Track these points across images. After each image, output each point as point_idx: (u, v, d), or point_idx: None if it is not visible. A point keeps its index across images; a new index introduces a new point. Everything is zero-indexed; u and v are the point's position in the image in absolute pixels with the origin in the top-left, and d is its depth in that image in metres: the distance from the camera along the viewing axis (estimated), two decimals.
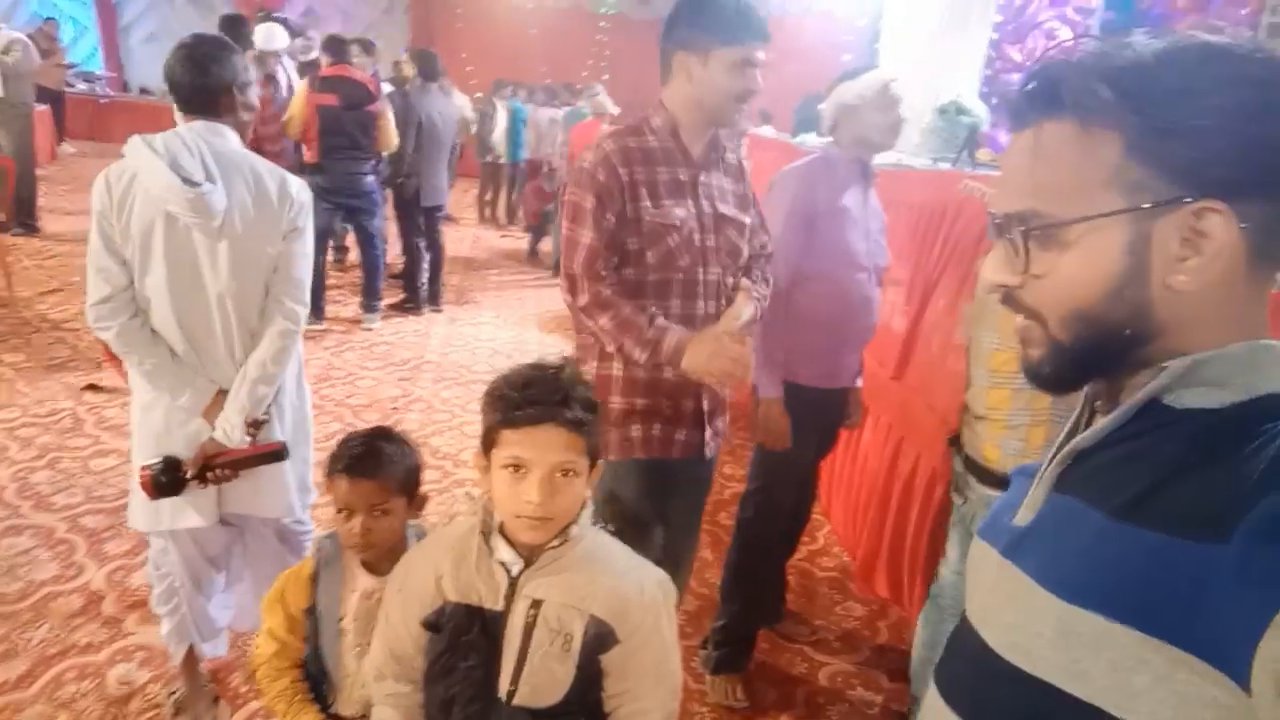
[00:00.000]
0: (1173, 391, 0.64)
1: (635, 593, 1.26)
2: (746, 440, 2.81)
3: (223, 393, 1.97)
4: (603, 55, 14.68)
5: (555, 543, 1.22)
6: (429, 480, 3.65)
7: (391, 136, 5.37)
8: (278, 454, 1.99)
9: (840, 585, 3.09)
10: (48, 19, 11.02)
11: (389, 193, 5.86)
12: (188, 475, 1.92)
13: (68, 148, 10.78)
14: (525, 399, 1.18)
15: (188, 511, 1.99)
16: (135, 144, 1.86)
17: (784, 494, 2.44)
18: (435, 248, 6.12)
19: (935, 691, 0.78)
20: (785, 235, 2.24)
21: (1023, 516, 0.72)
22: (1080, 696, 0.61)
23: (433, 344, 5.47)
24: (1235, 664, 0.53)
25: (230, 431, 1.94)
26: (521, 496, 1.16)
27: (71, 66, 12.10)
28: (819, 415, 2.39)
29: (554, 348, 5.69)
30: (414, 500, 1.58)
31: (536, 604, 1.22)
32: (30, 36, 10.55)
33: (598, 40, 14.69)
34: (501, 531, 1.25)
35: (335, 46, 5.46)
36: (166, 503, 1.96)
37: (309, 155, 5.22)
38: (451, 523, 1.34)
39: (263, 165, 2.00)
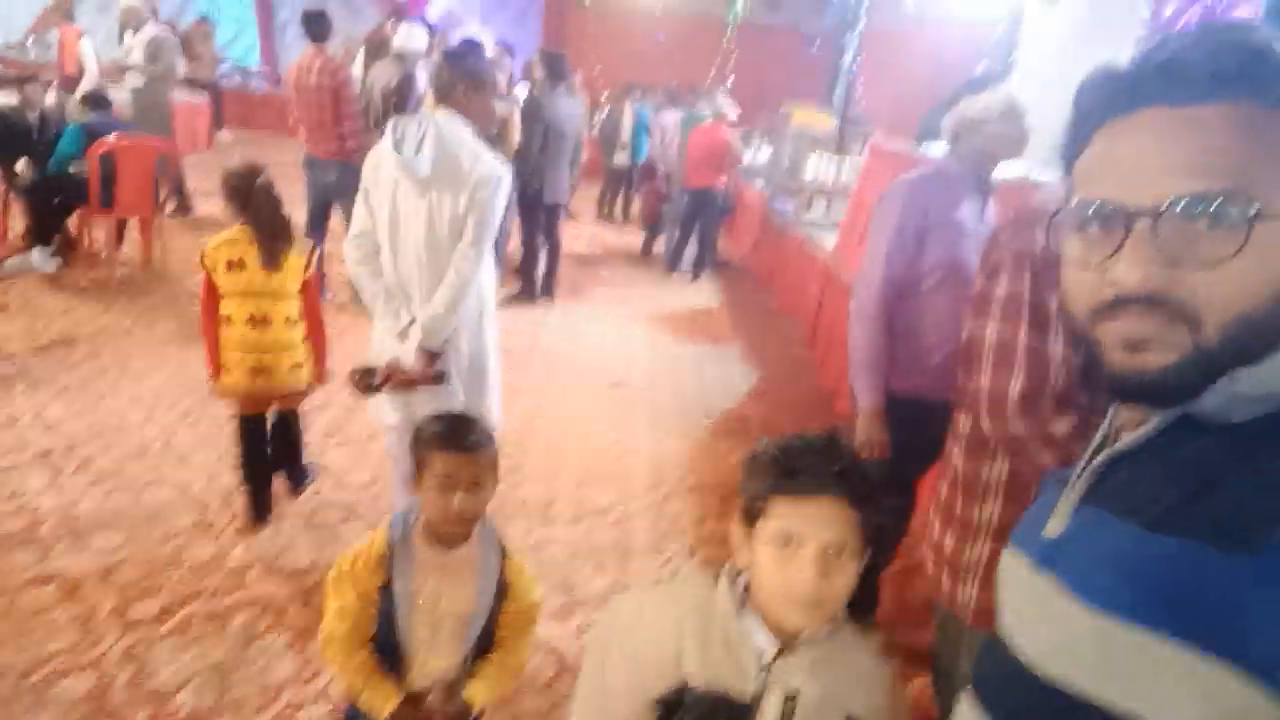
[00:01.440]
0: (1204, 403, 0.64)
1: (888, 689, 1.16)
2: None
3: (411, 322, 2.53)
4: (727, 60, 14.69)
5: (818, 629, 1.10)
6: (533, 463, 3.78)
7: (512, 136, 5.57)
8: (438, 379, 2.55)
9: None
10: (202, 18, 11.90)
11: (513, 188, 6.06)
12: (378, 383, 2.52)
13: (224, 136, 11.59)
14: (801, 467, 1.08)
15: (386, 409, 2.65)
16: (388, 125, 2.45)
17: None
18: (553, 243, 6.28)
19: (970, 701, 0.78)
20: (890, 246, 2.23)
21: (1053, 527, 0.72)
22: (1116, 706, 0.61)
23: (544, 334, 5.63)
24: (1272, 672, 0.53)
25: (407, 355, 2.52)
26: (793, 575, 1.05)
27: (223, 61, 13.02)
28: (922, 426, 2.35)
29: (661, 344, 5.75)
30: (494, 480, 1.63)
31: (792, 697, 1.08)
32: (186, 34, 11.46)
33: (723, 46, 14.72)
34: (750, 608, 1.12)
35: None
36: (378, 402, 2.63)
37: None
38: (676, 583, 1.22)
39: (468, 148, 2.47)
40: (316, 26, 5.46)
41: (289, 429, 3.11)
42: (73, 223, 5.70)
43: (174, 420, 3.75)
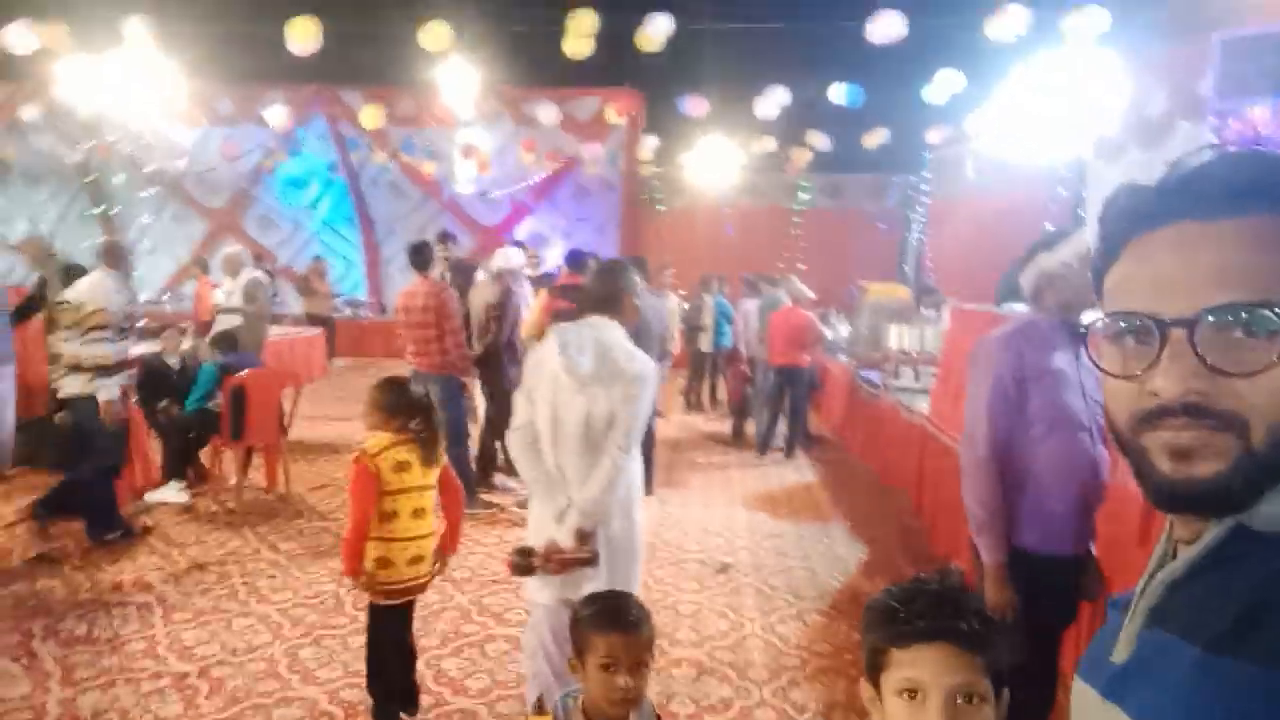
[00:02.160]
0: (1259, 514, 0.63)
1: None
2: None
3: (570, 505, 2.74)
4: (797, 246, 15.34)
5: None
6: None
7: None
8: (588, 561, 2.70)
9: None
10: (317, 258, 13.25)
11: None
12: (536, 564, 2.68)
13: (338, 363, 12.53)
14: (913, 613, 1.08)
15: (545, 590, 2.78)
16: (556, 334, 2.84)
17: (1018, 667, 2.28)
18: (648, 433, 6.43)
19: None
20: (992, 397, 2.25)
21: (1119, 654, 0.70)
22: None
23: (648, 525, 5.64)
24: None
25: (565, 536, 2.70)
26: None
27: (338, 296, 14.33)
28: (1051, 583, 2.26)
29: (763, 525, 5.68)
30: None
31: None
32: (304, 273, 12.71)
33: (791, 234, 15.42)
34: None
35: (574, 260, 6.21)
36: (534, 581, 2.77)
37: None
38: None
39: (622, 349, 2.80)
40: (419, 257, 6.03)
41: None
42: (205, 453, 6.16)
43: (298, 637, 3.86)
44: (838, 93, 8.95)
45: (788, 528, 5.68)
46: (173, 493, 5.88)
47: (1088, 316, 2.40)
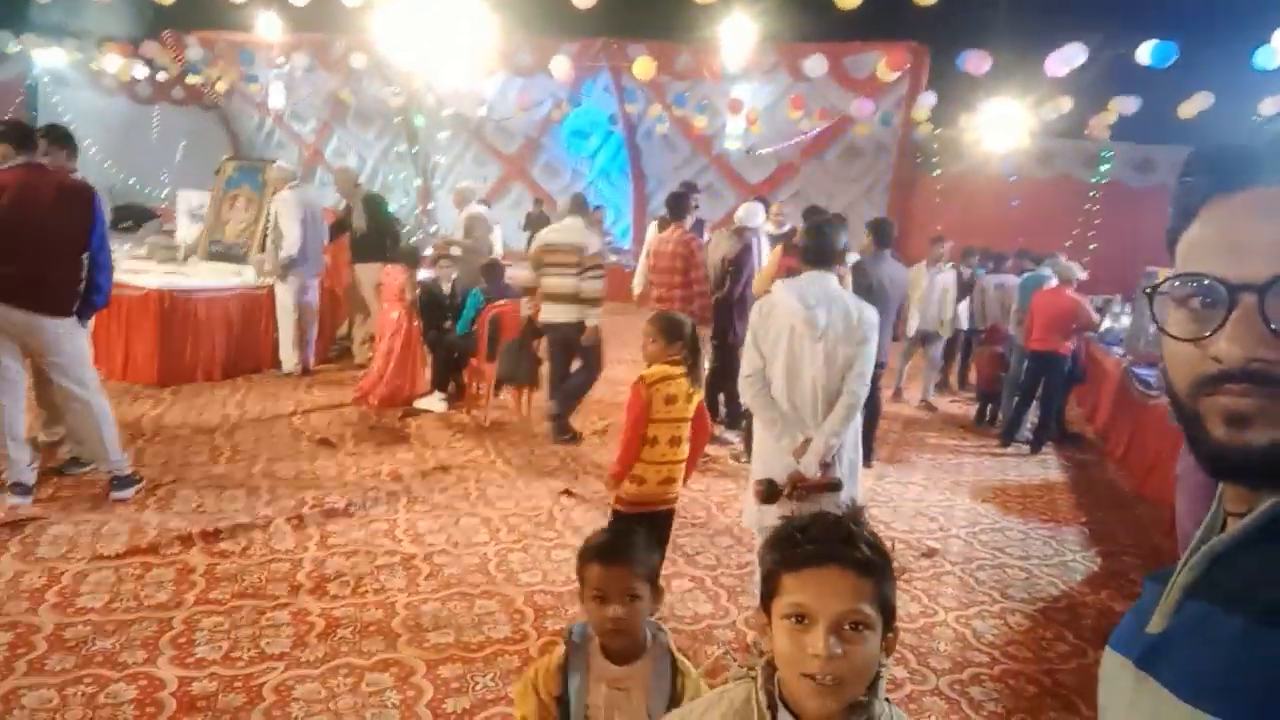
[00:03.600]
0: None
1: None
2: None
3: (806, 440, 3.16)
4: (1090, 223, 13.81)
5: (856, 718, 1.07)
6: None
7: None
8: (836, 486, 3.14)
9: None
10: (597, 207, 14.03)
11: None
12: (784, 492, 3.12)
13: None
14: (807, 538, 1.08)
15: (772, 514, 3.07)
16: (777, 285, 3.29)
17: None
18: (871, 403, 6.21)
19: None
20: None
21: (1156, 624, 0.69)
22: None
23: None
24: None
25: (808, 467, 3.14)
26: (806, 651, 1.03)
27: (609, 241, 15.14)
28: None
29: (985, 518, 5.33)
30: (656, 592, 1.70)
31: None
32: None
33: (1085, 209, 13.90)
34: (784, 702, 1.09)
35: (809, 216, 6.12)
36: (768, 509, 3.16)
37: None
38: (724, 692, 1.20)
39: (850, 299, 3.24)
40: (677, 205, 6.22)
41: (668, 525, 3.47)
42: (467, 372, 6.88)
43: (511, 542, 4.26)
44: (1144, 51, 7.82)
45: (1014, 524, 5.28)
46: (435, 402, 6.65)
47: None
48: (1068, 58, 8.15)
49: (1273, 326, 0.61)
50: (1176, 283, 0.68)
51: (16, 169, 3.96)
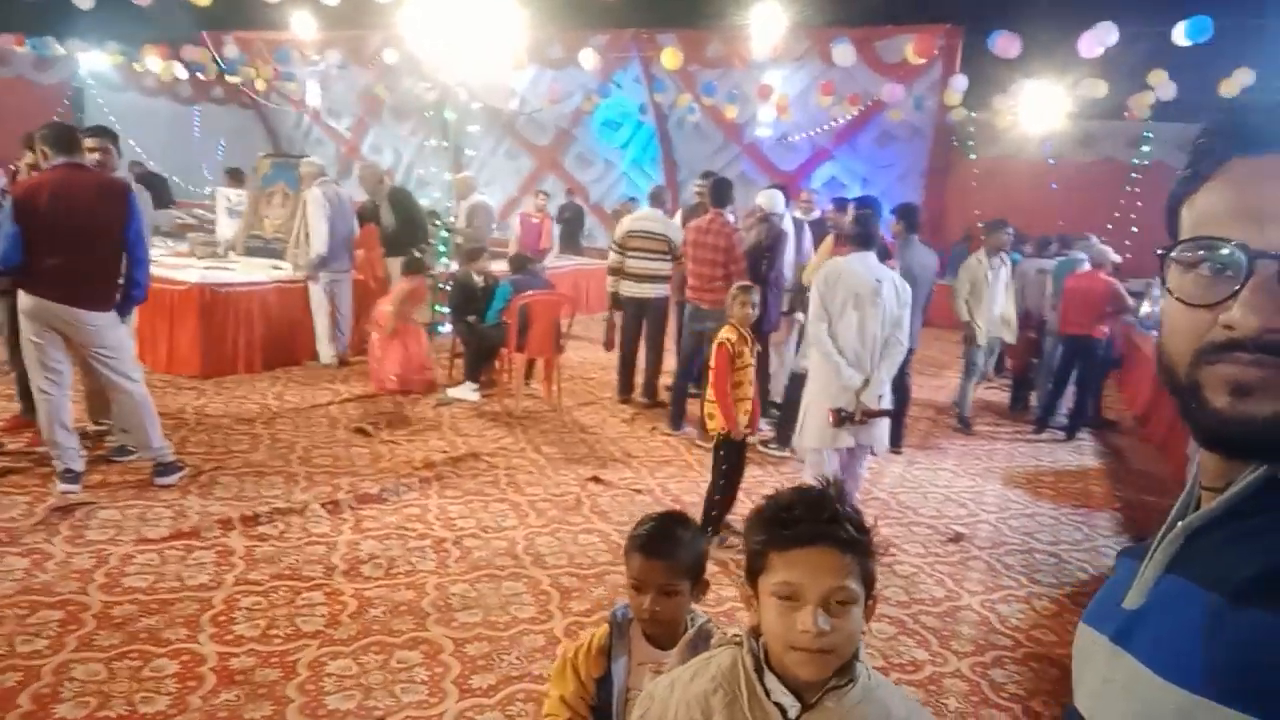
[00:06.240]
0: None
1: None
2: None
3: (866, 380, 4.05)
4: (1132, 206, 13.51)
5: (838, 681, 1.11)
6: None
7: None
8: (888, 413, 4.23)
9: None
10: (632, 199, 14.07)
11: None
12: (856, 418, 4.00)
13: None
14: (794, 518, 1.11)
15: (844, 437, 4.08)
16: (840, 261, 4.24)
17: None
18: (902, 389, 6.19)
19: None
20: None
21: (1132, 599, 0.68)
22: None
23: (884, 482, 5.50)
24: None
25: (870, 400, 4.04)
26: (796, 627, 1.07)
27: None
28: None
29: (1015, 504, 5.30)
30: (699, 585, 1.66)
31: None
32: (615, 210, 13.56)
33: (1126, 191, 13.59)
34: (771, 667, 1.13)
35: (857, 206, 6.14)
36: (840, 431, 4.03)
37: None
38: (710, 657, 1.23)
39: (894, 276, 4.20)
40: (719, 192, 6.21)
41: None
42: (499, 361, 6.98)
43: (539, 526, 4.34)
44: (1179, 30, 7.61)
45: (1045, 510, 5.24)
46: (468, 391, 6.76)
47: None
48: (1100, 37, 7.98)
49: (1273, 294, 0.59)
50: (1191, 246, 0.66)
51: (57, 169, 4.10)
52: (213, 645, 3.04)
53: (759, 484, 5.12)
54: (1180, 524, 0.67)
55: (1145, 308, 8.34)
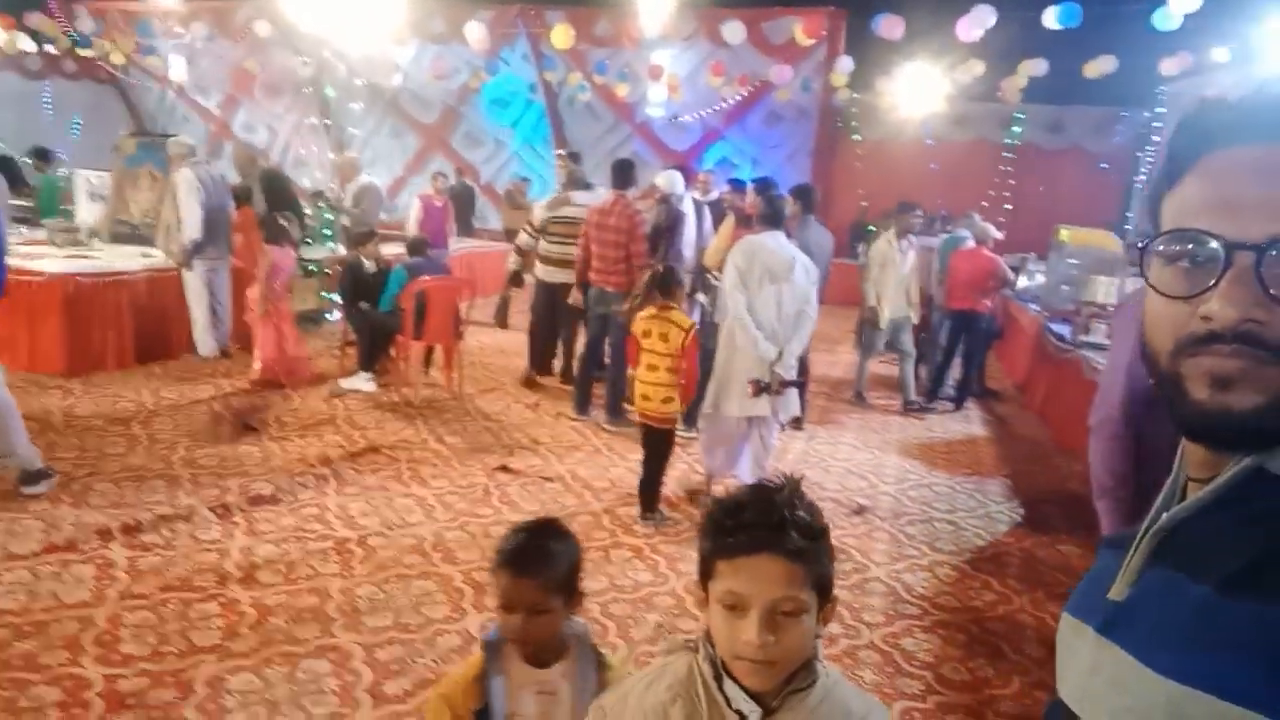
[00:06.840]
0: (1276, 457, 0.59)
1: None
2: None
3: (780, 352, 4.29)
4: (1005, 184, 14.21)
5: (799, 684, 1.09)
6: None
7: None
8: (799, 384, 4.61)
9: None
10: (523, 178, 13.82)
11: None
12: (774, 389, 4.27)
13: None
14: (737, 525, 1.07)
15: (763, 405, 4.35)
16: (756, 238, 4.40)
17: None
18: (803, 365, 6.32)
19: None
20: (1133, 355, 2.04)
21: (1118, 590, 0.68)
22: None
23: (787, 459, 5.60)
24: None
25: (785, 371, 4.32)
26: (739, 636, 1.04)
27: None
28: None
29: (913, 474, 5.50)
30: (573, 598, 1.57)
31: None
32: (508, 190, 13.31)
33: (1000, 170, 14.28)
34: (728, 672, 1.10)
35: (761, 189, 6.18)
36: (758, 400, 4.31)
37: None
38: (665, 665, 1.18)
39: (803, 261, 4.39)
40: (622, 174, 6.11)
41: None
42: (395, 350, 6.73)
43: (447, 520, 4.21)
44: (1050, 15, 8.03)
45: (940, 479, 5.46)
46: (362, 382, 6.49)
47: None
48: (978, 20, 8.31)
49: (1272, 291, 0.59)
50: (1170, 239, 0.66)
51: None
52: (98, 668, 2.80)
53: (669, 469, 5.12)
54: (1166, 515, 0.67)
55: (1021, 281, 8.79)
